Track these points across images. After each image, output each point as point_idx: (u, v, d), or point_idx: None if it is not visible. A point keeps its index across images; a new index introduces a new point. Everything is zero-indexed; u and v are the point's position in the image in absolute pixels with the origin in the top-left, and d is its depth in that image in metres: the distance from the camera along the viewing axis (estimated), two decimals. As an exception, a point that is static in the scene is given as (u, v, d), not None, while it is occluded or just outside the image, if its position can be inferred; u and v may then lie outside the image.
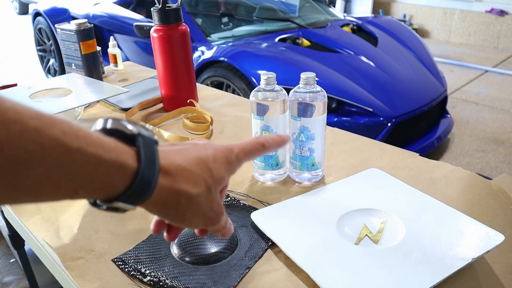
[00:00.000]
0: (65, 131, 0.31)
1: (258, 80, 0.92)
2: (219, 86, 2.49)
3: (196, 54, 2.60)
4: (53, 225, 0.71)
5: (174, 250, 0.64)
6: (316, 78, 0.75)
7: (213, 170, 0.40)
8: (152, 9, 1.04)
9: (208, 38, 2.78)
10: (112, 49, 1.52)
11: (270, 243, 0.65)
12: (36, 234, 0.70)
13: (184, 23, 1.07)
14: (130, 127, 0.37)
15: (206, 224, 0.42)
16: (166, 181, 0.37)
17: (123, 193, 0.35)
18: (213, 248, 0.63)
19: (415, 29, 5.53)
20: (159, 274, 0.60)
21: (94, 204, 0.36)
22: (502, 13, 4.97)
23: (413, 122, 2.34)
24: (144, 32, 2.56)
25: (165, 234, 0.45)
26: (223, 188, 0.45)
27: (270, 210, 0.71)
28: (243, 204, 0.74)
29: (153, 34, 1.05)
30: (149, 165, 0.35)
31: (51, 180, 0.31)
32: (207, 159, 0.40)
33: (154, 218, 0.43)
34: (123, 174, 0.34)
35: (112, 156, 0.34)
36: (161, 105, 1.18)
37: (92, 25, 1.27)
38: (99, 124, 0.37)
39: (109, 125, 0.37)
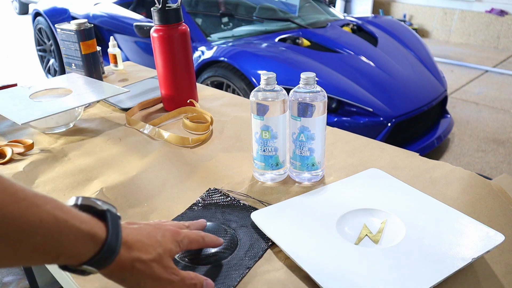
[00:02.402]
0: (55, 206, 0.39)
1: (258, 80, 0.92)
2: (219, 86, 2.49)
3: (196, 54, 2.60)
4: (53, 225, 0.71)
5: (174, 250, 0.64)
6: (316, 78, 0.75)
7: (162, 242, 0.49)
8: (152, 9, 1.04)
9: (208, 38, 2.78)
10: (112, 49, 1.52)
11: (270, 243, 0.65)
12: (36, 234, 0.70)
13: (184, 23, 1.07)
14: (99, 204, 0.45)
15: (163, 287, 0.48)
16: (125, 250, 0.45)
17: (92, 258, 0.42)
18: (213, 248, 0.63)
19: (415, 29, 5.53)
20: (159, 274, 0.60)
21: (64, 268, 0.43)
22: (502, 13, 4.97)
23: (413, 122, 2.34)
24: (144, 32, 2.56)
25: None
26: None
27: (270, 210, 0.71)
28: (243, 204, 0.74)
29: (153, 34, 1.05)
30: (115, 237, 0.43)
31: (43, 247, 0.38)
32: (156, 234, 0.50)
33: None
34: (94, 243, 0.42)
35: (87, 228, 0.41)
36: (161, 105, 1.18)
37: (92, 25, 1.27)
38: (71, 201, 0.45)
39: (79, 202, 0.45)
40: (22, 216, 0.36)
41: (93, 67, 1.28)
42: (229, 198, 0.76)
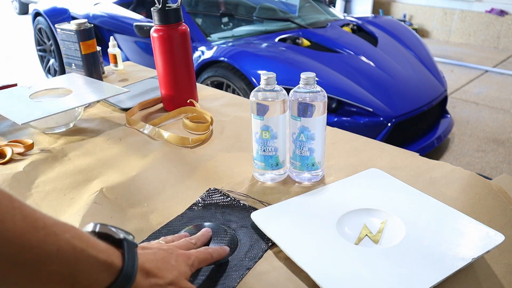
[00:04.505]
0: (73, 235, 0.39)
1: (258, 80, 0.92)
2: (219, 86, 2.49)
3: (196, 54, 2.60)
4: (53, 225, 0.71)
5: (174, 250, 0.64)
6: (316, 78, 0.75)
7: (176, 266, 0.51)
8: (152, 9, 1.04)
9: (208, 38, 2.78)
10: (112, 49, 1.52)
11: (270, 243, 0.65)
12: (36, 234, 0.70)
13: (184, 23, 1.07)
14: (116, 233, 0.46)
15: None
16: (142, 277, 0.46)
17: (108, 287, 0.42)
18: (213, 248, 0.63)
19: (415, 29, 5.53)
20: (159, 274, 0.60)
21: None
22: (502, 13, 4.97)
23: (413, 122, 2.34)
24: (144, 32, 2.56)
25: None
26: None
27: (270, 210, 0.71)
28: (243, 204, 0.74)
29: (153, 34, 1.05)
30: (131, 265, 0.44)
31: (59, 276, 0.38)
32: (170, 259, 0.51)
33: None
34: (111, 272, 0.42)
35: (104, 257, 0.42)
36: (161, 105, 1.18)
37: (92, 25, 1.27)
38: (89, 227, 0.46)
39: (97, 229, 0.46)
40: (40, 245, 0.36)
41: (93, 67, 1.28)
42: (229, 198, 0.76)
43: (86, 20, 1.27)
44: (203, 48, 2.60)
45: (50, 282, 0.38)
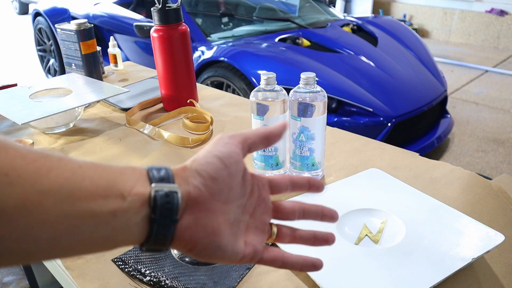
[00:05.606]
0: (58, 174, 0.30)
1: (258, 80, 0.92)
2: (219, 86, 2.49)
3: (196, 54, 2.60)
4: (53, 225, 0.71)
5: (174, 250, 0.64)
6: (316, 78, 0.75)
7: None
8: (152, 9, 1.04)
9: (208, 38, 2.78)
10: (112, 49, 1.52)
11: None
12: (36, 234, 0.70)
13: (184, 23, 1.07)
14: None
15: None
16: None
17: (145, 242, 0.34)
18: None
19: (415, 29, 5.53)
20: (159, 274, 0.60)
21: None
22: (502, 13, 4.97)
23: (413, 122, 2.34)
24: (144, 32, 2.56)
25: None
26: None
27: (270, 210, 0.70)
28: (243, 204, 0.74)
29: (153, 34, 1.05)
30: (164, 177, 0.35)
31: (105, 241, 0.32)
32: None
33: None
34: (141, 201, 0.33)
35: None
36: (161, 105, 1.18)
37: (92, 25, 1.27)
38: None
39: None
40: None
41: (93, 67, 1.28)
42: (229, 198, 0.76)
43: (86, 20, 1.27)
44: (203, 48, 2.60)
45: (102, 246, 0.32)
